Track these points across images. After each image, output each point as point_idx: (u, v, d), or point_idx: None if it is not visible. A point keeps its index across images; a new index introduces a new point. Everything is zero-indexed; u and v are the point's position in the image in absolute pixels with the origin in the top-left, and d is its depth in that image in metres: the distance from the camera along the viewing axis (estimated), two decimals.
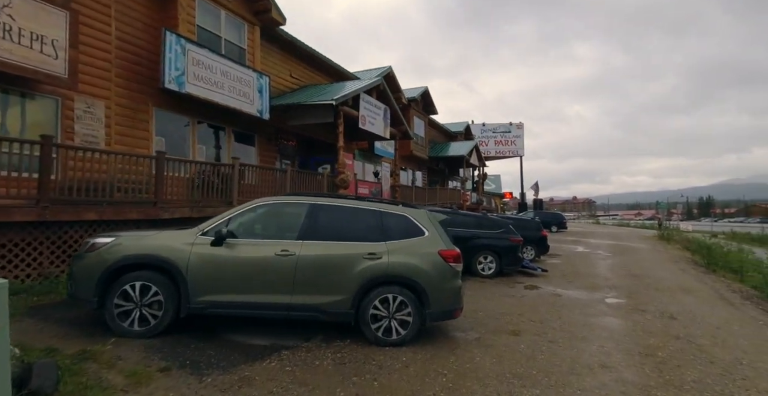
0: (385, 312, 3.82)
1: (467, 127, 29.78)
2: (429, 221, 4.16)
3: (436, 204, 19.01)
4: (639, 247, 18.63)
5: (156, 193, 6.37)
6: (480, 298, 6.69)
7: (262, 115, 10.42)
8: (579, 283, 8.67)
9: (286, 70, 12.48)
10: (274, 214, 4.07)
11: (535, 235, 12.42)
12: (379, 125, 12.87)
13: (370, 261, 3.83)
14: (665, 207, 43.11)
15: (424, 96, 21.87)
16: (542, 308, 6.10)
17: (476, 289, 7.51)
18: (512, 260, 9.17)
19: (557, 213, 33.69)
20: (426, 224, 4.15)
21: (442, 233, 4.17)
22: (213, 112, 9.62)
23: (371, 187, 12.93)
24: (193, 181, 8.53)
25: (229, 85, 9.51)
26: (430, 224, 4.16)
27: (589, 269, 10.92)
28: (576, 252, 15.49)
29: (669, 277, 9.92)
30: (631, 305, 6.67)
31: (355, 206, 4.11)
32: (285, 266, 3.67)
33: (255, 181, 9.50)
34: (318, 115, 11.32)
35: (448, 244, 4.11)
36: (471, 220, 9.28)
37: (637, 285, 8.72)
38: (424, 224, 4.14)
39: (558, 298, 7.05)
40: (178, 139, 9.17)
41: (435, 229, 4.14)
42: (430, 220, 4.18)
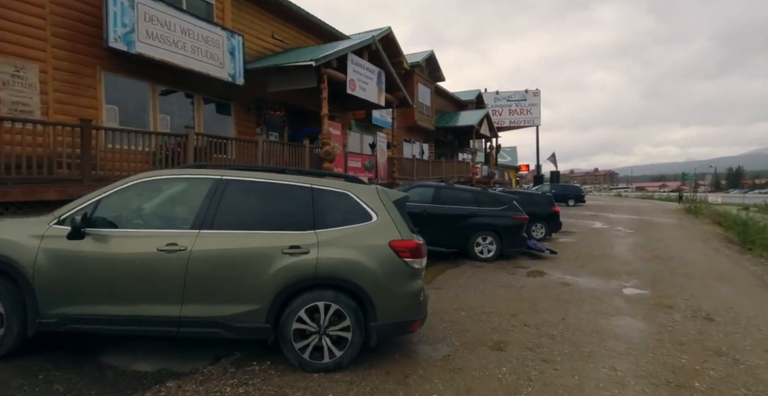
0: (314, 326, 2.82)
1: (479, 96, 27.80)
2: (380, 201, 3.07)
3: (441, 178, 17.77)
4: (663, 223, 17.12)
5: (83, 169, 5.43)
6: (469, 290, 5.65)
7: (235, 80, 9.25)
8: (593, 268, 7.52)
9: (267, 30, 11.13)
10: (162, 194, 3.03)
11: (546, 211, 11.19)
12: (371, 91, 11.52)
13: (293, 257, 2.80)
14: (693, 178, 40.35)
15: (430, 61, 20.09)
16: (543, 304, 5.02)
17: (468, 277, 6.47)
18: (516, 241, 8.05)
19: (575, 186, 31.90)
20: (375, 205, 3.06)
21: (399, 217, 3.08)
22: (177, 77, 8.52)
23: (364, 160, 11.79)
24: (154, 155, 7.63)
25: (193, 46, 8.32)
26: (381, 205, 3.06)
27: (605, 250, 9.70)
28: (593, 228, 14.20)
29: (699, 260, 8.64)
30: (655, 298, 5.53)
31: (275, 182, 3.03)
32: (172, 266, 2.68)
33: (234, 155, 8.52)
34: (299, 79, 10.06)
35: (406, 233, 3.03)
36: (467, 196, 8.11)
37: (661, 270, 7.51)
38: (373, 205, 3.05)
39: (565, 288, 5.95)
40: (136, 109, 8.15)
41: (388, 212, 3.05)
42: (381, 199, 3.08)
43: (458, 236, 7.86)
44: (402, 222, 3.07)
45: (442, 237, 7.92)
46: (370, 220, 3.02)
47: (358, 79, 10.86)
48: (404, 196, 3.25)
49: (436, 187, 8.18)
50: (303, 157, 9.45)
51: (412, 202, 7.90)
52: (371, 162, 12.11)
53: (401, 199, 3.22)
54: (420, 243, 3.06)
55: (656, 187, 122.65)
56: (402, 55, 17.17)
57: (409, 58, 18.79)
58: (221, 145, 8.22)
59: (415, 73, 18.73)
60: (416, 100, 18.98)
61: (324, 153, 9.66)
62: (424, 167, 16.33)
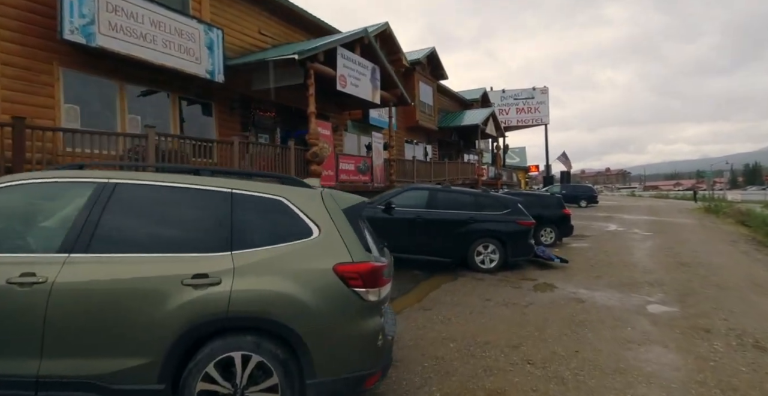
0: (227, 386, 2.03)
1: (484, 94, 26.91)
2: (325, 210, 2.28)
3: (444, 180, 16.92)
4: (683, 223, 16.00)
5: None
6: (465, 310, 4.82)
7: (214, 78, 8.59)
8: (610, 279, 6.62)
9: (253, 26, 10.47)
10: (23, 204, 2.29)
11: (556, 214, 10.28)
12: (364, 87, 10.78)
13: (198, 290, 2.04)
14: (711, 175, 38.74)
15: (431, 58, 19.30)
16: (553, 329, 4.17)
17: (465, 294, 5.63)
18: (521, 249, 7.18)
19: (586, 186, 30.72)
20: (319, 215, 2.27)
21: (349, 231, 2.28)
22: (149, 74, 7.89)
23: (357, 162, 11.03)
24: (122, 159, 6.99)
25: (164, 39, 7.67)
26: (326, 215, 2.28)
27: (623, 256, 8.76)
28: (607, 231, 13.20)
29: (730, 266, 7.66)
30: (687, 318, 4.63)
31: (180, 186, 2.27)
32: (26, 304, 1.94)
33: (215, 158, 7.85)
34: (285, 76, 9.37)
35: (358, 252, 2.24)
36: (466, 199, 7.27)
37: (689, 279, 6.57)
38: (316, 216, 2.27)
39: (579, 306, 5.08)
40: (102, 109, 7.52)
41: (335, 225, 2.26)
42: (328, 207, 2.30)
43: (456, 245, 7.02)
44: (354, 237, 2.27)
45: (438, 246, 7.09)
46: (311, 236, 2.23)
47: (349, 74, 10.12)
48: (360, 202, 2.46)
49: (431, 190, 7.37)
50: (287, 160, 8.72)
51: (405, 207, 7.11)
52: (366, 164, 11.35)
53: (355, 207, 2.42)
54: (378, 266, 2.25)
55: (670, 186, 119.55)
56: (401, 52, 16.45)
57: (409, 55, 18.05)
58: (203, 148, 7.57)
59: (415, 70, 17.97)
60: (417, 99, 18.21)
61: (311, 154, 8.92)
62: (425, 169, 15.51)
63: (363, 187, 11.28)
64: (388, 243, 7.25)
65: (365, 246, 2.30)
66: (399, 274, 6.72)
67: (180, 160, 7.14)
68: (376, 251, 2.63)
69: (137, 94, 8.08)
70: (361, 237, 2.31)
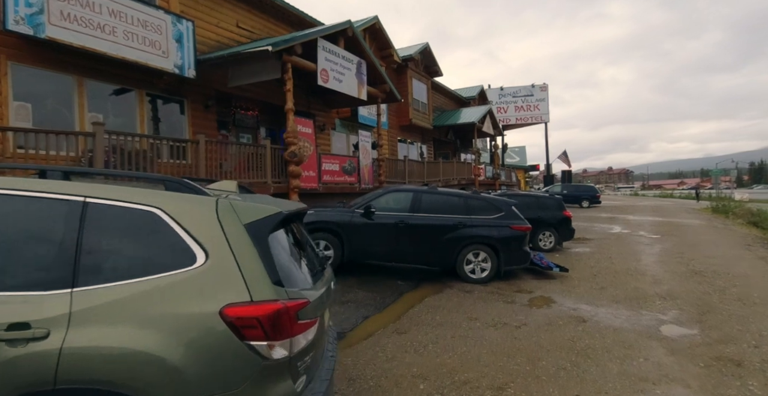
0: None
1: (481, 92, 26.17)
2: (218, 227, 1.58)
3: (439, 180, 16.23)
4: (692, 225, 15.23)
5: None
6: (446, 334, 4.11)
7: (183, 73, 7.93)
8: (616, 291, 5.90)
9: (230, 19, 9.81)
10: None
11: (555, 217, 9.57)
12: (349, 83, 10.10)
13: (13, 348, 1.38)
14: (718, 174, 37.85)
15: (425, 54, 18.62)
16: (548, 360, 3.47)
17: (450, 311, 4.92)
18: (515, 256, 6.47)
19: (588, 185, 29.93)
20: (208, 234, 1.58)
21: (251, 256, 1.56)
22: (111, 68, 7.25)
23: (342, 162, 10.34)
24: (79, 161, 6.37)
25: (126, 31, 7.02)
26: (218, 234, 1.57)
27: (630, 262, 8.03)
28: (611, 234, 12.46)
29: (749, 275, 6.93)
30: (709, 343, 3.92)
31: (5, 193, 1.59)
32: None
33: (189, 159, 7.19)
34: (261, 70, 8.71)
35: (261, 286, 1.54)
36: (455, 202, 6.58)
37: (706, 292, 5.84)
38: (203, 234, 1.57)
39: (580, 327, 4.37)
40: (57, 106, 6.87)
41: (230, 248, 1.55)
42: (222, 223, 1.59)
43: (444, 252, 6.33)
44: (258, 265, 1.58)
45: (423, 253, 6.41)
46: (192, 265, 1.55)
47: (332, 69, 9.45)
48: (272, 213, 1.75)
49: (415, 191, 6.67)
50: (263, 160, 8.05)
51: (386, 210, 6.44)
52: (352, 164, 10.66)
53: (266, 220, 1.71)
54: (289, 306, 1.56)
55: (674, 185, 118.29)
56: (392, 48, 15.78)
57: (401, 51, 17.40)
58: (178, 149, 6.92)
59: (408, 67, 17.29)
60: (411, 97, 17.54)
61: (289, 154, 8.25)
62: (418, 169, 14.81)
63: (349, 188, 10.60)
64: (368, 250, 6.51)
65: (274, 277, 1.60)
66: (380, 284, 6.04)
67: (150, 163, 6.49)
68: (306, 279, 1.94)
69: (99, 90, 7.43)
70: (269, 263, 1.62)
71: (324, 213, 6.50)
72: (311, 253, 2.40)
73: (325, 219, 6.39)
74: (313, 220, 6.39)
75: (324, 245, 6.30)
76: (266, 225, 1.70)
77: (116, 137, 6.02)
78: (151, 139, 6.40)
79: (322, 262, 2.39)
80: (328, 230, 6.34)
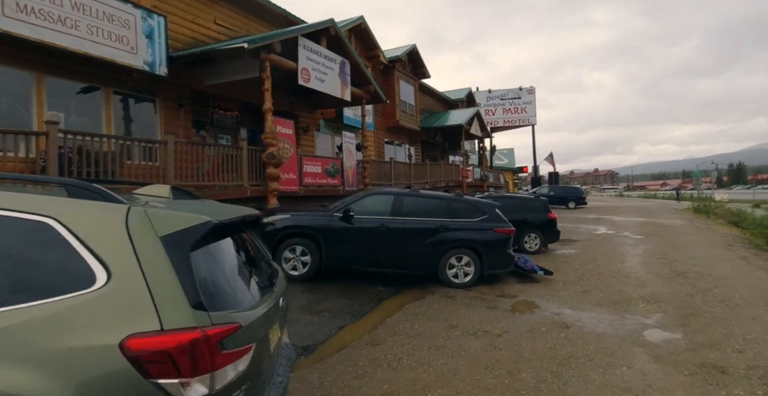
0: None
1: (469, 94, 26.22)
2: (126, 239, 1.33)
3: (426, 182, 16.07)
4: (675, 225, 15.37)
5: None
6: (423, 345, 3.90)
7: (154, 70, 7.59)
8: (600, 294, 5.77)
9: (207, 15, 9.49)
10: None
11: (540, 219, 9.47)
12: (332, 83, 9.87)
13: None
14: (699, 175, 38.70)
15: (412, 56, 18.50)
16: (529, 372, 3.28)
17: (430, 319, 4.71)
18: (499, 260, 6.31)
19: (575, 187, 30.19)
20: (111, 249, 1.33)
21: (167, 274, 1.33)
22: (74, 64, 6.88)
23: (325, 164, 10.09)
24: (35, 162, 6.01)
25: (90, 24, 6.67)
26: (125, 249, 1.31)
27: (614, 264, 7.95)
28: (597, 235, 12.44)
29: (732, 275, 6.89)
30: (694, 349, 3.78)
31: None
32: None
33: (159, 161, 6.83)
34: (239, 69, 8.44)
35: (175, 312, 1.30)
36: (436, 205, 6.38)
37: (689, 294, 5.76)
38: (106, 249, 1.32)
39: (563, 333, 4.20)
40: (12, 104, 6.48)
41: (138, 264, 1.32)
42: (132, 235, 1.34)
43: (425, 256, 6.13)
44: (173, 284, 1.33)
45: (404, 258, 6.20)
46: (91, 287, 1.29)
47: (313, 68, 9.21)
48: (198, 223, 1.50)
49: (396, 194, 6.46)
50: (239, 161, 7.75)
51: (366, 214, 6.21)
52: (335, 166, 10.41)
53: (188, 231, 1.45)
54: (210, 334, 1.31)
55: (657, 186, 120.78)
56: (378, 48, 15.61)
57: (388, 53, 17.24)
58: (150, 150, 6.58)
59: (395, 68, 17.14)
60: (398, 98, 17.38)
61: (267, 156, 7.96)
62: (405, 171, 14.63)
63: (333, 191, 10.35)
64: (347, 256, 6.24)
65: (194, 299, 1.35)
66: (360, 291, 5.80)
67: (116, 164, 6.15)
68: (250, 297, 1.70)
69: (62, 88, 7.05)
70: (189, 283, 1.37)
71: (301, 217, 6.24)
72: (264, 266, 2.16)
73: (302, 223, 6.14)
74: (290, 224, 6.13)
75: (301, 251, 6.04)
76: (189, 237, 1.45)
77: (81, 138, 5.68)
78: (114, 140, 6.04)
79: (273, 276, 2.14)
80: (305, 235, 6.08)
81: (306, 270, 6.02)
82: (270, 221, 6.17)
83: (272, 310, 1.86)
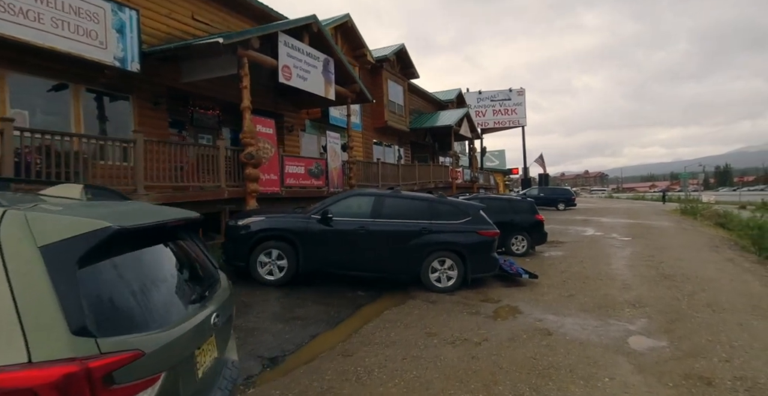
0: None
1: (459, 95, 26.14)
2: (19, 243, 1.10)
3: (416, 184, 15.89)
4: (662, 226, 15.39)
5: None
6: (398, 355, 3.67)
7: (125, 66, 7.27)
8: (585, 298, 5.61)
9: (185, 10, 9.17)
10: None
11: (528, 220, 9.33)
12: (315, 81, 9.63)
13: None
14: (686, 177, 39.24)
15: (400, 55, 18.32)
16: (506, 385, 3.08)
17: (408, 326, 4.49)
18: (483, 263, 6.12)
19: (564, 188, 30.28)
20: None
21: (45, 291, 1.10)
22: (39, 59, 6.54)
23: (309, 165, 9.83)
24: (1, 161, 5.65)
25: (55, 18, 6.34)
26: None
27: (600, 266, 7.82)
28: (585, 237, 12.36)
29: (718, 278, 6.79)
30: (679, 358, 3.62)
31: None
32: None
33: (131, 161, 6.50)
34: (216, 66, 8.16)
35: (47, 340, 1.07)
36: (418, 206, 6.18)
37: (675, 298, 5.62)
38: None
39: (545, 341, 4.01)
40: None
41: (7, 281, 1.09)
42: (16, 239, 1.10)
43: (407, 260, 5.92)
44: (50, 306, 1.10)
45: (385, 261, 5.98)
46: None
47: (295, 65, 8.96)
48: (92, 229, 1.27)
49: (377, 195, 6.24)
50: (216, 162, 7.46)
51: (346, 216, 5.98)
52: (319, 167, 10.16)
53: (77, 240, 1.19)
54: (96, 364, 1.09)
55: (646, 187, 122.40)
56: (366, 48, 15.39)
57: (376, 52, 17.03)
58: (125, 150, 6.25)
59: (383, 68, 16.94)
60: (386, 98, 17.18)
61: (245, 155, 7.69)
62: (392, 172, 14.42)
63: (317, 192, 10.09)
64: (325, 259, 5.96)
65: (77, 322, 1.11)
66: (338, 296, 5.56)
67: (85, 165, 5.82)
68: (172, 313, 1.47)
69: (26, 85, 6.70)
70: (72, 303, 1.12)
71: (277, 219, 5.99)
72: (200, 276, 1.92)
73: (278, 226, 5.88)
74: (265, 227, 5.87)
75: (277, 255, 5.79)
76: (79, 246, 1.21)
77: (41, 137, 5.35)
78: (77, 139, 5.72)
79: (210, 287, 1.90)
80: (281, 238, 5.82)
81: (282, 275, 5.77)
82: (244, 224, 5.91)
83: (202, 327, 1.62)
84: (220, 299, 1.90)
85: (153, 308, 1.45)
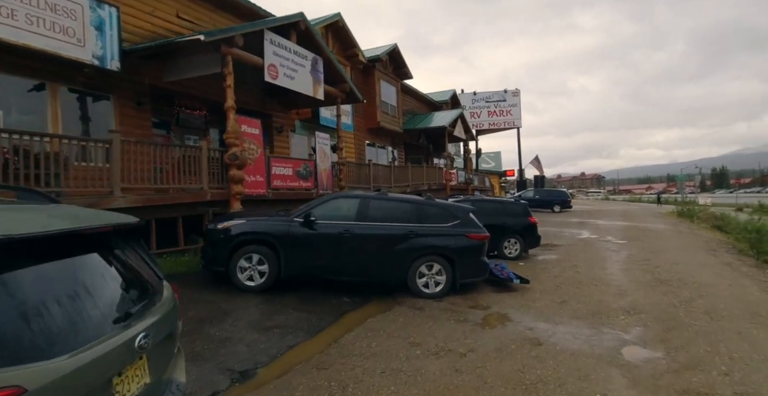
0: None
1: (453, 96, 25.98)
2: None
3: (409, 186, 15.68)
4: (658, 229, 15.23)
5: None
6: (377, 367, 3.44)
7: (105, 64, 7.04)
8: (578, 305, 5.39)
9: (169, 8, 8.94)
10: None
11: (521, 223, 9.12)
12: (303, 80, 9.41)
13: None
14: (683, 179, 39.23)
15: (393, 55, 18.14)
16: None
17: (391, 335, 4.26)
18: (473, 268, 5.89)
19: (560, 190, 30.17)
20: None
21: None
22: (15, 58, 6.30)
23: (296, 166, 9.59)
24: None
25: (29, 14, 6.10)
26: None
27: (595, 271, 7.62)
28: (579, 240, 12.17)
29: (715, 284, 6.60)
30: (676, 371, 3.41)
31: None
32: None
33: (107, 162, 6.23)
34: (200, 64, 7.94)
35: None
36: (405, 208, 5.96)
37: (672, 304, 5.42)
38: None
39: (534, 352, 3.79)
40: None
41: None
42: None
43: (394, 264, 5.69)
44: None
45: (371, 266, 5.75)
46: None
47: (281, 64, 8.74)
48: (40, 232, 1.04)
49: (362, 198, 6.02)
50: (198, 163, 7.21)
51: (330, 219, 5.76)
52: (308, 168, 9.93)
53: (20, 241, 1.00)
54: None
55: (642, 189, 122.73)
56: (357, 47, 15.20)
57: (368, 52, 16.85)
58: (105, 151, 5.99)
59: (375, 68, 16.76)
60: (379, 99, 16.99)
61: (229, 156, 7.45)
62: (384, 173, 14.20)
63: (305, 194, 9.85)
64: (308, 264, 5.70)
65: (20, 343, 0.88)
66: (322, 303, 5.31)
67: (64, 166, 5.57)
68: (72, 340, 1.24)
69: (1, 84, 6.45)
70: None
71: (258, 223, 5.75)
72: (135, 286, 1.69)
73: (259, 230, 5.65)
74: (245, 230, 5.64)
75: (257, 259, 5.55)
76: None
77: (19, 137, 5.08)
78: (49, 139, 5.47)
79: (143, 300, 1.67)
80: (262, 242, 5.59)
81: (263, 280, 5.53)
82: (223, 227, 5.67)
83: (122, 350, 1.40)
84: (155, 315, 1.67)
85: (51, 333, 1.22)
